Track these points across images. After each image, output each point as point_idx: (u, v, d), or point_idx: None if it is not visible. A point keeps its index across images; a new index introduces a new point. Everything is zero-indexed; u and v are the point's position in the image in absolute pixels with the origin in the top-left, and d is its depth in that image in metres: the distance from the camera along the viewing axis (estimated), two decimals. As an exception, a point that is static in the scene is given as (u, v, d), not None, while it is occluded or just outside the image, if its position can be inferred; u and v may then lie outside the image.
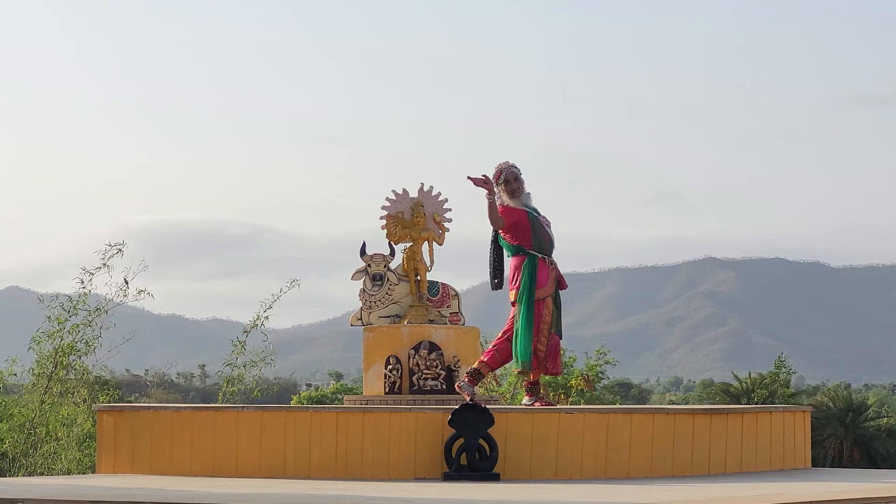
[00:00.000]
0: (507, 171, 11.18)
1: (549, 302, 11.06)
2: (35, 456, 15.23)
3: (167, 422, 10.69)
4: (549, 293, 11.07)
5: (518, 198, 11.14)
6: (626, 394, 71.08)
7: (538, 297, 11.01)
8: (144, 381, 38.98)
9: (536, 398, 11.19)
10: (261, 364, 16.74)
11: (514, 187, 11.14)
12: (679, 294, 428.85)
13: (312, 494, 8.68)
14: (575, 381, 29.67)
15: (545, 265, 11.07)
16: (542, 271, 11.04)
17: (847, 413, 33.18)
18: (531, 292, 10.96)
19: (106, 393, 16.92)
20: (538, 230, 11.10)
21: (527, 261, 11.00)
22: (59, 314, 15.38)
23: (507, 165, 11.24)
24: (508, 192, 11.12)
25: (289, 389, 72.50)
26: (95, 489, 8.84)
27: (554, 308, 11.13)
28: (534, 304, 10.98)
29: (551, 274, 11.11)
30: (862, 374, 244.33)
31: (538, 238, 11.08)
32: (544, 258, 11.07)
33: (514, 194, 11.12)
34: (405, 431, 10.36)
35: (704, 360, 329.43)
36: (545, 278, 11.04)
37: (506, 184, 11.14)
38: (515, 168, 11.25)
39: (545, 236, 11.16)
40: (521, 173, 11.24)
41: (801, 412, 12.02)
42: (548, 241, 11.18)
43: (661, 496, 8.59)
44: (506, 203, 11.12)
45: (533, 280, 10.97)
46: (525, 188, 11.22)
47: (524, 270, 10.99)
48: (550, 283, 11.09)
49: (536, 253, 11.02)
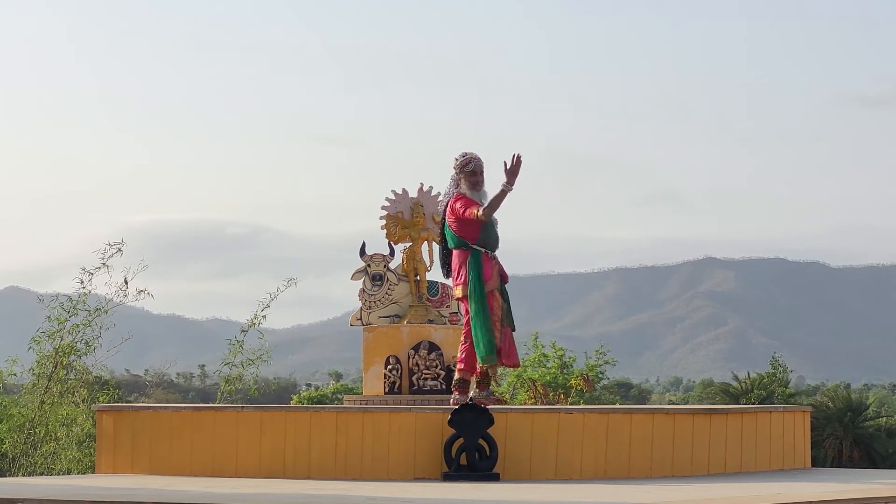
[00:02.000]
0: (475, 163, 11.21)
1: (497, 295, 11.10)
2: (35, 456, 15.22)
3: (167, 422, 10.69)
4: (495, 286, 11.11)
5: (477, 192, 11.16)
6: (625, 394, 71.09)
7: (487, 290, 11.06)
8: (144, 381, 38.91)
9: (488, 393, 11.20)
10: (258, 363, 16.73)
11: (477, 179, 11.17)
12: (679, 294, 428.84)
13: (312, 494, 8.68)
14: (575, 381, 29.69)
15: (488, 259, 11.11)
16: (487, 265, 11.09)
17: (846, 413, 33.16)
18: (481, 286, 11.01)
19: (106, 393, 16.90)
20: (488, 225, 11.13)
21: (471, 256, 11.06)
22: (59, 314, 15.36)
23: (475, 157, 11.28)
24: (471, 182, 11.15)
25: (288, 389, 72.51)
26: (95, 489, 8.84)
27: (503, 301, 11.16)
28: (486, 297, 11.02)
29: (495, 268, 11.15)
30: (862, 374, 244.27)
31: (487, 234, 11.11)
32: (487, 252, 11.11)
33: (475, 186, 11.16)
34: (405, 431, 10.36)
35: (704, 360, 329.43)
36: (490, 272, 11.09)
37: (471, 174, 11.17)
38: (482, 162, 11.28)
39: (493, 232, 11.20)
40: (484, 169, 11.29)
41: (801, 412, 12.02)
42: (496, 237, 11.22)
43: (661, 496, 8.59)
44: (465, 193, 11.16)
45: (481, 274, 11.01)
46: (485, 186, 11.25)
47: (470, 266, 11.04)
48: (495, 277, 11.13)
49: (480, 248, 11.07)
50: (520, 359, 11.53)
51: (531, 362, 30.56)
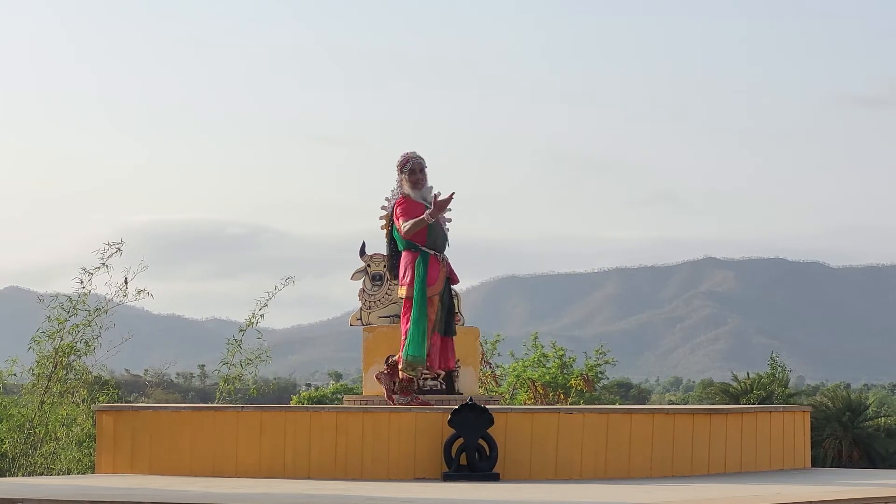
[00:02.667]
0: (413, 161, 11.21)
1: (435, 300, 11.09)
2: (35, 456, 15.21)
3: (167, 422, 10.68)
4: (437, 291, 11.10)
5: (419, 190, 11.15)
6: (625, 394, 71.09)
7: (428, 294, 11.05)
8: (144, 381, 38.89)
9: (412, 397, 11.22)
10: (257, 362, 16.72)
11: (417, 178, 11.16)
12: (679, 294, 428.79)
13: (312, 494, 8.67)
14: (575, 381, 29.72)
15: (437, 262, 11.10)
16: (434, 269, 11.08)
17: (846, 413, 33.18)
18: (423, 290, 11.00)
19: (105, 393, 16.88)
20: (435, 227, 11.11)
21: (419, 257, 11.04)
22: (59, 314, 15.35)
23: (414, 155, 11.28)
24: (412, 181, 11.16)
25: (287, 389, 72.45)
26: (95, 489, 8.83)
27: (440, 307, 11.13)
28: (426, 301, 11.01)
29: (442, 271, 11.14)
30: (861, 374, 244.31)
31: (434, 235, 11.11)
32: (436, 255, 11.09)
33: (416, 185, 11.16)
34: (405, 431, 10.36)
35: (704, 360, 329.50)
36: (435, 276, 11.08)
37: (410, 173, 11.17)
38: (422, 160, 11.27)
39: (440, 233, 11.18)
40: (426, 166, 11.25)
41: (801, 412, 12.02)
42: (442, 237, 11.20)
43: (661, 496, 8.59)
44: (406, 193, 11.14)
45: (425, 278, 11.01)
46: (427, 182, 11.24)
47: (417, 268, 11.03)
48: (440, 282, 11.13)
49: (429, 250, 11.05)
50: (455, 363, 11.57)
51: (531, 362, 30.56)
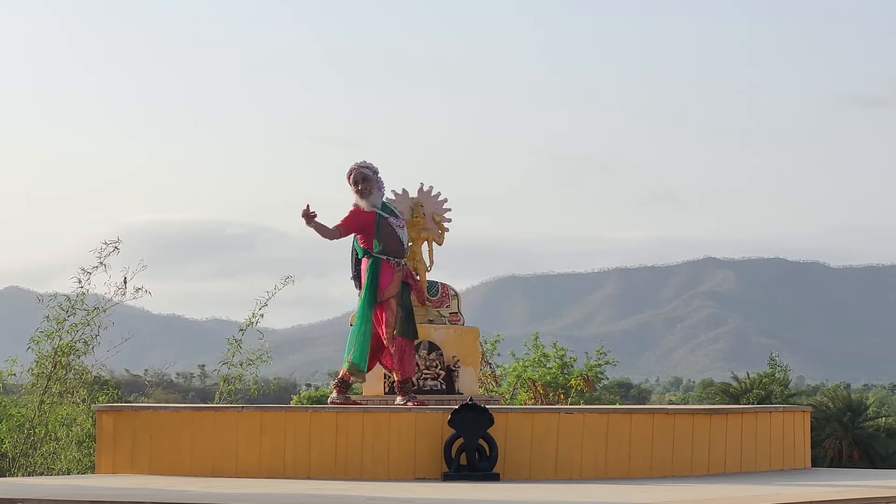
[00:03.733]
0: (355, 173, 11.27)
1: (391, 303, 11.11)
2: (35, 456, 15.20)
3: (167, 422, 10.68)
4: (392, 294, 11.12)
5: (367, 198, 11.17)
6: (625, 394, 71.06)
7: (380, 298, 11.07)
8: (144, 380, 38.89)
9: (346, 396, 11.28)
10: (257, 363, 16.71)
11: (362, 188, 11.18)
12: (679, 294, 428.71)
13: (312, 494, 8.67)
14: (575, 381, 29.70)
15: (390, 266, 11.13)
16: (387, 273, 11.13)
17: (846, 413, 33.16)
18: (372, 295, 11.07)
19: (105, 393, 16.87)
20: (383, 232, 11.15)
21: (371, 263, 11.09)
22: (58, 314, 15.34)
23: (356, 167, 11.30)
24: (357, 193, 11.19)
25: (288, 389, 72.45)
26: (95, 489, 8.83)
27: (399, 309, 11.15)
28: (374, 306, 11.04)
29: (397, 275, 11.16)
30: (862, 374, 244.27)
31: (382, 240, 11.13)
32: (389, 259, 11.12)
33: (362, 195, 11.19)
34: (405, 431, 10.35)
35: (704, 360, 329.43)
36: (388, 280, 11.11)
37: (354, 184, 11.21)
38: (365, 169, 11.27)
39: (392, 238, 11.20)
40: (373, 173, 11.25)
41: (801, 412, 12.02)
42: (395, 242, 11.22)
43: (661, 496, 8.59)
44: (357, 204, 11.19)
45: (374, 282, 11.05)
46: (380, 188, 11.26)
47: (367, 273, 11.11)
48: (395, 285, 11.16)
49: (380, 255, 11.07)
50: (414, 370, 11.59)
51: (531, 362, 30.55)
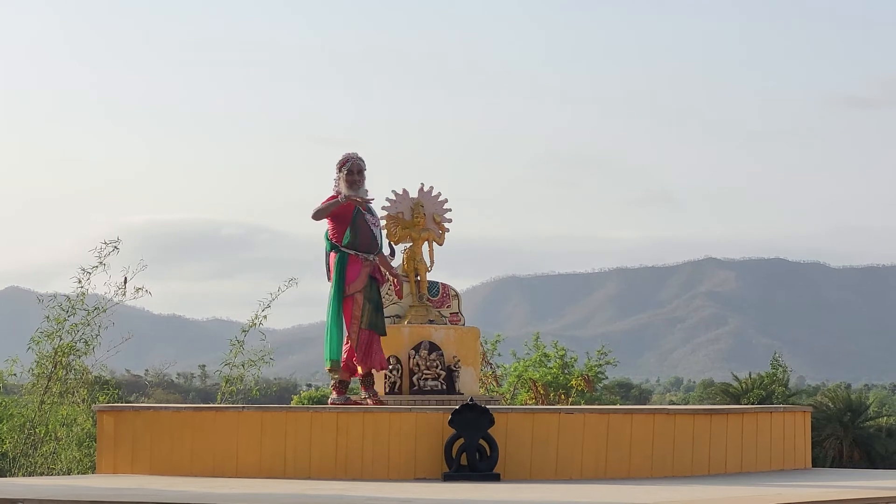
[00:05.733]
0: (352, 162, 11.38)
1: (358, 297, 11.15)
2: (35, 456, 15.20)
3: (167, 422, 10.68)
4: (358, 288, 11.17)
5: (354, 191, 11.26)
6: (626, 394, 71.02)
7: (347, 292, 11.10)
8: (144, 381, 38.92)
9: (346, 397, 11.30)
10: (259, 363, 16.73)
11: (354, 178, 11.30)
12: (679, 294, 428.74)
13: (312, 494, 8.68)
14: (575, 381, 29.70)
15: (357, 261, 11.17)
16: (354, 267, 11.17)
17: (846, 413, 33.15)
18: (340, 289, 11.11)
19: (106, 393, 16.88)
20: (358, 226, 11.19)
21: (338, 257, 11.14)
22: (58, 314, 15.34)
23: (354, 156, 11.45)
24: (348, 181, 11.30)
25: (288, 389, 72.51)
26: (95, 489, 8.84)
27: (366, 302, 11.19)
28: (343, 300, 11.07)
29: (364, 269, 11.20)
30: (862, 374, 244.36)
31: (355, 235, 11.18)
32: (357, 254, 11.15)
33: (352, 185, 11.29)
34: (405, 431, 10.36)
35: (705, 361, 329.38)
36: (355, 274, 11.14)
37: (348, 173, 11.31)
38: (362, 162, 11.43)
39: (365, 234, 11.24)
40: (365, 169, 11.39)
41: (801, 412, 12.02)
42: (367, 239, 11.26)
43: (661, 496, 8.59)
44: (339, 191, 11.26)
45: (342, 276, 11.09)
46: (364, 185, 11.35)
47: (334, 267, 11.15)
48: (362, 279, 11.20)
49: (348, 249, 11.09)
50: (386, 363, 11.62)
51: (532, 362, 30.55)
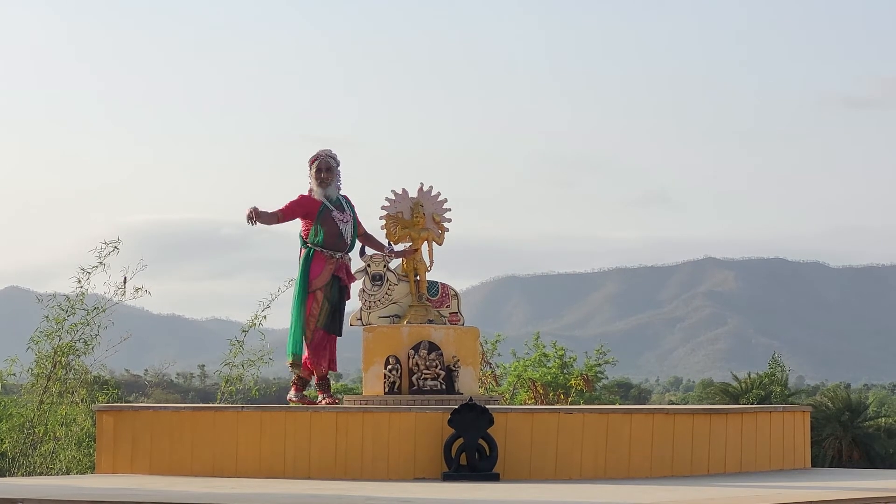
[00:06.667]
0: (321, 160, 11.38)
1: (318, 295, 11.15)
2: (34, 456, 15.20)
3: (167, 422, 10.68)
4: (319, 286, 11.16)
5: (324, 188, 11.24)
6: (625, 394, 71.04)
7: (310, 289, 11.15)
8: (144, 380, 38.91)
9: (301, 395, 11.31)
10: (259, 363, 16.74)
11: (322, 176, 11.25)
12: (679, 294, 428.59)
13: (312, 494, 8.68)
14: (574, 381, 29.69)
15: (322, 258, 11.17)
16: (318, 263, 11.17)
17: (846, 413, 33.18)
18: (304, 285, 11.14)
19: (105, 393, 16.87)
20: (325, 223, 11.17)
21: (304, 254, 11.15)
22: (58, 314, 15.33)
23: (324, 154, 11.43)
24: (318, 179, 11.29)
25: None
26: (95, 489, 8.84)
27: (325, 302, 11.18)
28: (305, 296, 11.08)
29: (328, 267, 11.19)
30: (862, 374, 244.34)
31: (322, 231, 11.15)
32: (324, 251, 11.14)
33: (321, 183, 11.29)
34: (405, 431, 10.36)
35: (704, 360, 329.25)
36: (318, 271, 11.14)
37: (317, 171, 11.30)
38: (331, 158, 11.42)
39: (332, 231, 11.22)
40: (336, 164, 11.36)
41: (801, 412, 12.02)
42: (335, 235, 11.24)
43: (660, 496, 8.59)
44: (311, 189, 11.24)
45: (305, 273, 11.11)
46: (338, 180, 11.33)
47: (301, 262, 11.19)
48: (324, 276, 11.19)
49: (315, 247, 11.07)
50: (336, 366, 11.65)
51: (532, 362, 30.54)
